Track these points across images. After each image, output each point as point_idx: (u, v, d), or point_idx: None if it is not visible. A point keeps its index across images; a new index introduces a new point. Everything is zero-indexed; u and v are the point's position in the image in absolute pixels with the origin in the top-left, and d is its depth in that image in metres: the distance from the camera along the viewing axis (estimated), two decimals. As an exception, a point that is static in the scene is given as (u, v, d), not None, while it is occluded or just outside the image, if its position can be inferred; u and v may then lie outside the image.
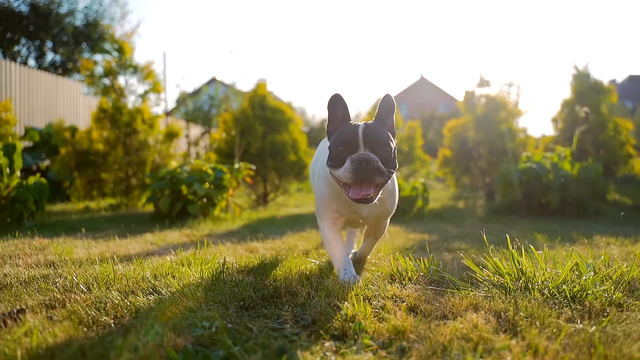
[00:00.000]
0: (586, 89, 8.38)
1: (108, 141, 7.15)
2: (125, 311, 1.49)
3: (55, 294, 1.70)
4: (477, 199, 8.67)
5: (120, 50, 7.33)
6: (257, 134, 7.59)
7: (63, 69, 21.58)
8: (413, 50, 79.24)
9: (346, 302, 1.49)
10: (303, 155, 7.96)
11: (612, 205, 7.25)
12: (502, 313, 1.43)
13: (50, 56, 21.66)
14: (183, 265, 2.21)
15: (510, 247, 1.90)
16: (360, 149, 1.78)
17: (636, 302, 1.58)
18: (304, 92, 69.64)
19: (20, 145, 4.54)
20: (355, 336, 1.25)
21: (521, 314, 1.40)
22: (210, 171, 5.21)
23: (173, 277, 1.97)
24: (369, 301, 1.59)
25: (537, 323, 1.33)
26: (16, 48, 21.84)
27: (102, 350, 1.15)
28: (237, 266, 2.23)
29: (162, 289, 1.76)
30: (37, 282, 1.89)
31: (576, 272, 1.89)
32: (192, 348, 1.15)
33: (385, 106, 1.93)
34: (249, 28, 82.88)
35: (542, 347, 1.17)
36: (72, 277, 1.94)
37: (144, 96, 7.33)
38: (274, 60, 75.24)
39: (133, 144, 7.05)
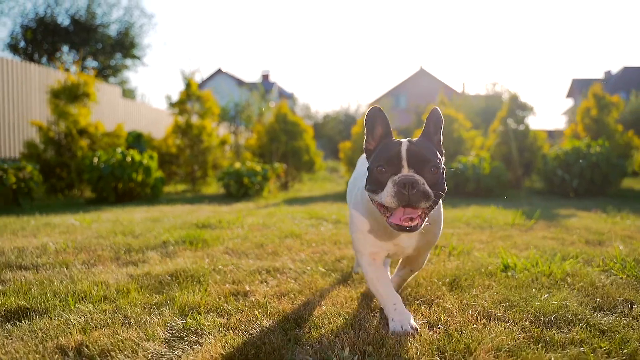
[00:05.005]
0: (515, 107, 11.73)
1: (179, 146, 10.56)
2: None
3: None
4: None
5: (188, 85, 10.68)
6: (281, 142, 10.99)
7: (101, 75, 24.89)
8: (413, 42, 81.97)
9: None
10: (313, 155, 11.36)
11: (524, 190, 10.66)
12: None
13: (88, 63, 24.97)
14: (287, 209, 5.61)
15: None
16: (404, 169, 1.59)
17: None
18: (307, 85, 72.63)
19: (156, 155, 7.96)
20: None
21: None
22: (259, 169, 8.63)
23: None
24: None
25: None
26: (58, 55, 25.17)
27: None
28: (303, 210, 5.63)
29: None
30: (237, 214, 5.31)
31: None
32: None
33: (433, 120, 1.74)
34: (253, 20, 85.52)
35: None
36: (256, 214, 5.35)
37: (205, 115, 10.71)
38: (278, 52, 78.01)
39: (199, 149, 10.46)
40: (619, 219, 5.09)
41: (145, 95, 49.99)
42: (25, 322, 1.77)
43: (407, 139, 1.71)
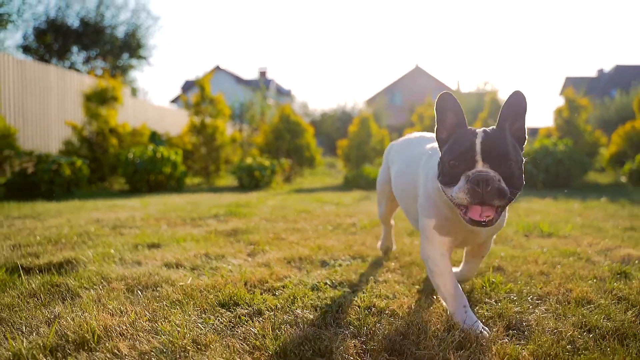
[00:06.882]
0: (496, 108, 13.10)
1: (194, 144, 11.86)
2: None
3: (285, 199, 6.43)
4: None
5: (202, 88, 11.96)
6: (285, 140, 12.32)
7: (110, 75, 26.07)
8: (409, 39, 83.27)
9: None
10: (313, 152, 12.70)
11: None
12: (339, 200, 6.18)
13: (97, 64, 26.14)
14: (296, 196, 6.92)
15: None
16: (478, 163, 1.54)
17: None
18: (304, 82, 73.82)
19: (181, 151, 9.25)
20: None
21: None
22: (268, 164, 9.96)
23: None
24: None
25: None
26: (68, 55, 26.34)
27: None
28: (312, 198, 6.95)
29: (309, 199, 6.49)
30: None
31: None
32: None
33: (513, 107, 1.63)
34: (250, 16, 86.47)
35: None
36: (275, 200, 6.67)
37: (216, 115, 12.01)
38: (274, 49, 79.07)
39: (213, 146, 11.76)
40: (561, 204, 6.45)
41: (148, 93, 51.10)
42: (160, 249, 3.09)
43: (482, 129, 1.63)
